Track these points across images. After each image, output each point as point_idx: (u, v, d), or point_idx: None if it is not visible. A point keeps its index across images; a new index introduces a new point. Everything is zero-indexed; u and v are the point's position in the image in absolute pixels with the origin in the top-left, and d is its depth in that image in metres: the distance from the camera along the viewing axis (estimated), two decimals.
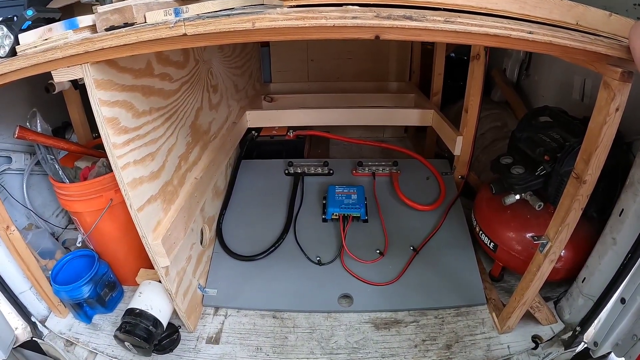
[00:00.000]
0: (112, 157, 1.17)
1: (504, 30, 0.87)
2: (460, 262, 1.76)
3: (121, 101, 1.19)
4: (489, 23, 0.86)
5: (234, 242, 1.85)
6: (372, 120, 2.24)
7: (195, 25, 0.92)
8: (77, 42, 1.03)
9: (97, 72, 1.09)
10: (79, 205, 1.63)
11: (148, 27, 0.96)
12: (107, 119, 1.14)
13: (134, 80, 1.25)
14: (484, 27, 0.86)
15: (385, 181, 2.06)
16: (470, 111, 1.88)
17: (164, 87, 1.41)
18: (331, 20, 0.86)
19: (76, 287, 1.68)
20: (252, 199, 2.02)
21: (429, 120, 2.21)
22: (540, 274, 1.34)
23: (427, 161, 2.11)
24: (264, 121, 2.25)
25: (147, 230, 1.31)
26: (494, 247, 1.65)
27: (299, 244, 1.82)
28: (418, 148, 2.54)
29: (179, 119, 1.51)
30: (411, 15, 0.84)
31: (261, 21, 0.89)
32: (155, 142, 1.36)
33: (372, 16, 0.85)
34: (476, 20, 0.86)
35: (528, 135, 1.62)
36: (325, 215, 1.89)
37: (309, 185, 2.05)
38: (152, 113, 1.34)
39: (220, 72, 1.90)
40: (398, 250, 1.80)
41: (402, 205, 1.95)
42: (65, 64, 1.08)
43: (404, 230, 1.88)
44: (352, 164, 2.12)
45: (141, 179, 1.28)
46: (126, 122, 1.21)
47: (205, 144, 1.75)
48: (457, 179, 2.06)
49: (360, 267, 1.75)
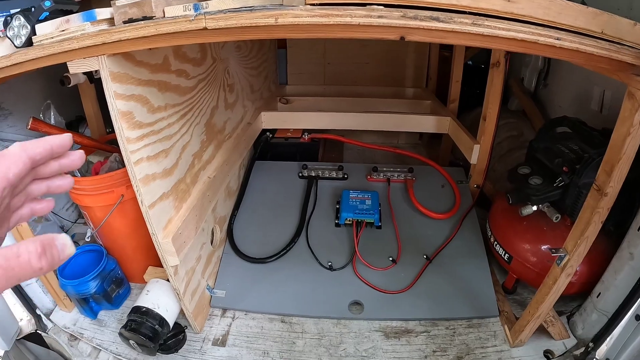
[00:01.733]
0: (125, 151, 1.11)
1: (531, 36, 0.82)
2: (473, 273, 1.68)
3: (137, 95, 1.13)
4: (517, 27, 0.81)
5: (244, 243, 1.78)
6: (387, 126, 2.16)
7: (216, 19, 0.85)
8: (94, 33, 0.97)
9: (113, 65, 1.03)
10: (90, 199, 1.56)
11: (167, 19, 0.89)
12: (121, 113, 1.07)
13: (150, 74, 1.18)
14: (512, 31, 0.81)
15: (400, 187, 1.98)
16: (489, 119, 1.81)
17: (181, 83, 1.34)
18: (356, 18, 0.80)
19: (83, 281, 1.62)
20: (264, 201, 1.95)
21: (446, 127, 2.13)
22: (556, 288, 1.27)
23: (443, 169, 2.03)
24: (279, 123, 2.18)
25: (157, 228, 1.25)
26: (508, 258, 1.59)
27: (311, 248, 1.74)
28: (432, 155, 2.46)
29: (194, 116, 1.44)
30: (438, 17, 0.79)
31: (284, 17, 0.82)
32: (170, 139, 1.29)
33: (398, 16, 0.79)
34: (504, 24, 0.81)
35: (546, 146, 1.55)
36: (338, 220, 1.81)
37: (323, 188, 1.98)
38: (167, 109, 1.27)
39: (237, 72, 1.83)
40: (411, 258, 1.73)
41: (416, 212, 1.88)
42: (81, 55, 1.03)
43: (417, 238, 1.80)
44: (366, 169, 2.04)
45: (154, 175, 1.21)
46: (141, 117, 1.15)
47: (219, 143, 1.68)
48: (473, 187, 1.98)
49: (372, 274, 1.68)
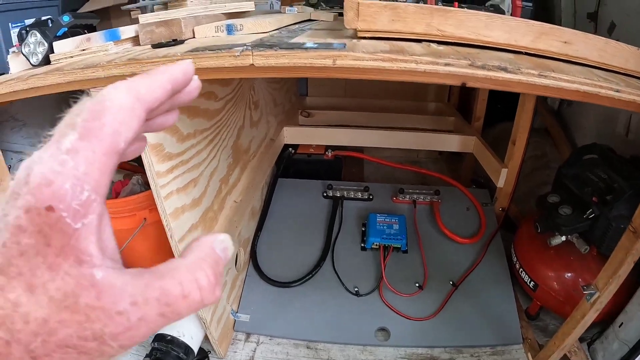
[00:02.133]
0: (155, 186, 1.03)
1: (593, 88, 0.77)
2: (498, 299, 1.61)
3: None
4: (580, 79, 0.76)
5: (268, 266, 1.70)
6: (411, 144, 2.08)
7: (266, 56, 0.76)
8: (123, 62, 0.89)
9: None
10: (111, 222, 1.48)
11: (209, 54, 0.80)
12: (151, 146, 1.00)
13: None
14: (575, 83, 0.76)
15: (426, 210, 1.90)
16: (518, 144, 1.73)
17: (209, 106, 1.27)
18: (422, 65, 0.74)
19: None
20: (288, 221, 1.87)
21: (470, 147, 2.04)
22: (584, 322, 1.22)
23: (468, 191, 1.95)
24: (301, 138, 2.10)
25: None
26: (534, 286, 1.53)
27: (337, 273, 1.67)
28: (453, 172, 2.38)
29: (221, 139, 1.36)
30: (506, 67, 0.74)
31: (343, 59, 0.76)
32: (198, 167, 1.22)
33: (466, 64, 0.74)
34: (568, 77, 0.76)
35: (575, 173, 1.50)
36: (365, 244, 1.73)
37: (348, 209, 1.89)
38: (196, 136, 1.19)
39: (261, 87, 1.75)
40: (437, 284, 1.65)
41: (442, 236, 1.80)
42: (106, 83, 0.92)
43: (443, 263, 1.72)
44: (392, 190, 1.96)
45: (183, 207, 1.14)
46: (171, 148, 1.07)
47: (244, 164, 1.60)
48: (498, 210, 1.90)
49: (399, 300, 1.60)
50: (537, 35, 0.90)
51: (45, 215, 0.21)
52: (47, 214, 0.21)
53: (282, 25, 1.26)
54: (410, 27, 0.89)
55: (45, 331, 0.21)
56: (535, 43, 0.89)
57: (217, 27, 1.13)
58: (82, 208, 0.22)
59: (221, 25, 1.12)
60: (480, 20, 0.88)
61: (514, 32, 0.90)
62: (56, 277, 0.21)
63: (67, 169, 0.21)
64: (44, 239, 0.21)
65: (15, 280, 0.21)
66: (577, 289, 1.36)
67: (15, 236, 0.21)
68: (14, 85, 1.01)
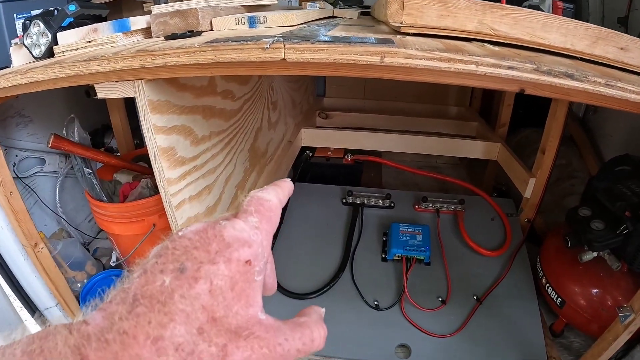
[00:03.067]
0: (165, 195, 0.90)
1: None
2: (523, 316, 1.48)
3: (179, 126, 0.92)
4: None
5: (283, 275, 1.57)
6: (432, 149, 1.94)
7: (300, 50, 0.63)
8: (131, 55, 0.75)
9: (153, 92, 0.82)
10: (117, 227, 1.36)
11: (232, 45, 0.66)
12: (162, 150, 0.86)
13: (194, 99, 0.97)
14: None
15: (449, 220, 1.76)
16: (548, 153, 1.60)
17: (226, 106, 1.13)
18: (483, 68, 0.62)
19: None
20: (305, 228, 1.73)
21: (494, 154, 1.90)
22: (615, 344, 1.14)
23: (493, 200, 1.80)
24: (319, 141, 1.96)
25: None
26: (560, 303, 1.42)
27: (356, 285, 1.53)
28: (474, 180, 2.23)
29: (238, 142, 1.23)
30: (573, 74, 0.63)
31: (393, 57, 0.63)
32: (213, 172, 1.08)
33: (530, 69, 0.62)
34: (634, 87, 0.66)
35: (607, 186, 1.40)
36: (386, 254, 1.59)
37: (368, 217, 1.75)
38: (211, 138, 1.06)
39: (280, 87, 1.61)
40: (460, 299, 1.52)
41: (466, 248, 1.66)
42: (112, 78, 0.81)
43: (467, 276, 1.58)
44: (414, 198, 1.82)
45: (196, 217, 1.01)
46: (184, 152, 0.94)
47: (261, 168, 1.47)
48: (523, 221, 1.76)
49: (421, 315, 1.47)
50: (594, 39, 0.78)
51: (243, 266, 0.28)
52: (244, 265, 0.28)
53: (308, 20, 1.13)
54: (460, 24, 0.76)
55: (224, 353, 0.26)
56: (591, 48, 0.77)
57: (238, 19, 0.99)
58: (262, 268, 0.30)
59: (242, 18, 0.99)
60: (537, 20, 0.76)
61: (571, 35, 0.77)
62: (229, 313, 0.27)
63: (257, 239, 0.30)
64: (230, 284, 0.28)
65: None
66: (606, 308, 1.29)
67: (216, 279, 0.27)
68: (12, 79, 0.90)
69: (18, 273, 1.41)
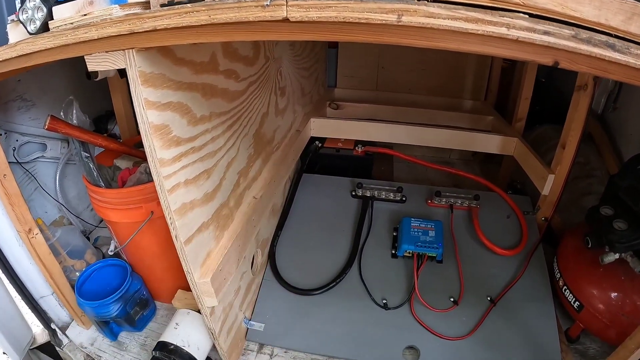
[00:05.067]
0: (157, 177, 0.80)
1: None
2: (538, 319, 1.37)
3: (175, 103, 0.81)
4: None
5: (288, 270, 1.46)
6: (446, 142, 1.81)
7: (306, 7, 0.51)
8: (120, 19, 0.66)
9: (145, 62, 0.72)
10: (114, 214, 1.26)
11: (227, 3, 0.55)
12: (154, 127, 0.76)
13: (193, 76, 0.86)
14: None
15: (463, 216, 1.64)
16: (568, 148, 1.47)
17: (229, 86, 1.02)
18: (515, 31, 0.51)
19: (103, 304, 1.33)
20: (312, 221, 1.63)
21: (511, 149, 1.77)
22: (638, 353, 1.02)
23: (509, 197, 1.67)
24: (329, 131, 1.84)
25: (194, 266, 0.95)
26: (578, 307, 1.32)
27: (364, 282, 1.42)
28: (487, 175, 2.10)
29: (242, 126, 1.12)
30: (614, 44, 0.54)
31: (412, 15, 0.51)
32: (213, 156, 0.98)
33: (568, 35, 0.53)
34: None
35: (630, 184, 1.30)
36: (396, 250, 1.48)
37: (378, 211, 1.64)
38: (212, 119, 0.95)
39: (289, 73, 1.50)
40: (473, 300, 1.41)
41: (480, 246, 1.54)
42: (102, 47, 0.72)
43: (481, 276, 1.47)
44: (427, 192, 1.70)
45: (192, 203, 0.90)
46: (179, 131, 0.83)
47: (267, 156, 1.36)
48: (540, 220, 1.63)
49: (431, 315, 1.36)
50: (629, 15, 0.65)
51: None
52: None
53: None
54: None
55: None
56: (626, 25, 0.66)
57: None
58: None
59: None
60: None
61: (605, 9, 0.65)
62: None
63: None
64: None
65: None
66: (627, 313, 1.20)
67: None
68: (2, 53, 0.85)
69: (13, 260, 1.33)
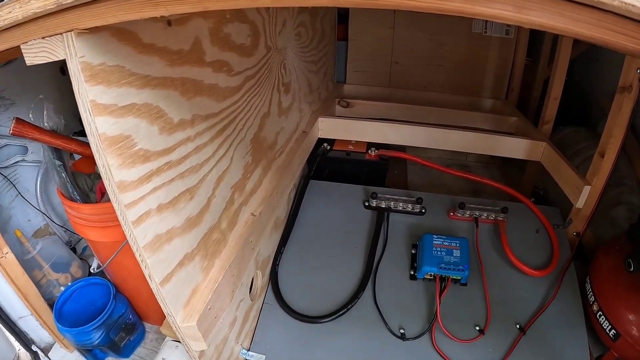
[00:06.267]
0: (117, 205, 0.58)
1: None
2: (569, 348, 1.17)
3: (140, 106, 0.59)
4: None
5: (291, 293, 1.25)
6: (466, 146, 1.57)
7: None
8: None
9: (91, 51, 0.51)
10: (92, 232, 1.05)
11: None
12: (108, 140, 0.54)
13: (167, 68, 0.64)
14: None
15: (488, 230, 1.41)
16: (608, 157, 1.25)
17: (219, 82, 0.80)
18: None
19: (84, 331, 1.14)
20: (319, 235, 1.40)
21: (538, 154, 1.53)
22: None
23: (538, 209, 1.44)
24: (339, 132, 1.60)
25: (174, 308, 0.73)
26: (614, 335, 1.14)
27: (378, 308, 1.20)
28: (508, 180, 1.87)
29: (237, 130, 0.89)
30: None
31: None
32: (198, 170, 0.75)
33: None
34: None
35: None
36: (416, 271, 1.25)
37: (395, 224, 1.41)
38: (195, 124, 0.73)
39: (294, 66, 1.26)
40: (501, 328, 1.19)
41: (507, 265, 1.32)
42: (36, 32, 0.51)
43: (509, 300, 1.25)
44: (448, 202, 1.47)
45: (169, 233, 0.68)
46: (147, 143, 0.61)
47: (268, 163, 1.13)
48: (571, 235, 1.41)
49: (454, 346, 1.15)
50: None
51: None
52: None
53: None
54: None
55: None
56: None
57: None
58: None
59: None
60: None
61: None
62: None
63: None
64: None
65: None
66: None
67: None
68: None
69: None
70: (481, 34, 1.90)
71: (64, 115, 1.14)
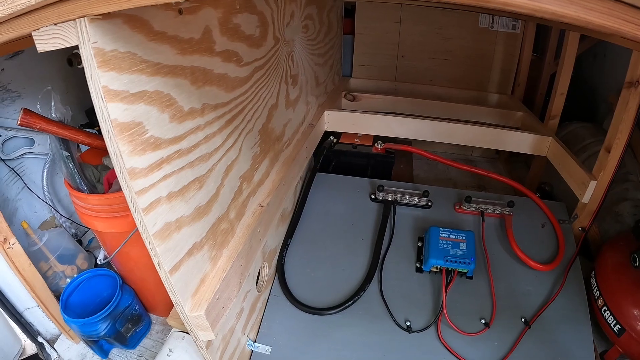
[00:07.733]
0: (128, 192, 0.58)
1: None
2: (574, 343, 1.17)
3: (151, 93, 0.58)
4: None
5: (298, 285, 1.25)
6: (474, 141, 1.57)
7: None
8: None
9: (104, 37, 0.51)
10: (99, 223, 1.05)
11: None
12: (120, 126, 0.54)
13: (178, 57, 0.64)
14: None
15: (494, 224, 1.41)
16: (614, 152, 1.25)
17: (229, 72, 0.79)
18: None
19: (90, 322, 1.14)
20: (326, 228, 1.40)
21: (544, 149, 1.53)
22: None
23: (544, 204, 1.44)
24: (346, 125, 1.60)
25: (183, 297, 0.73)
26: (619, 330, 1.16)
27: (385, 300, 1.20)
28: (513, 175, 1.86)
29: (245, 121, 0.89)
30: None
31: None
32: (208, 159, 0.75)
33: None
34: None
35: None
36: (422, 264, 1.25)
37: (401, 217, 1.41)
38: (205, 113, 0.72)
39: (301, 59, 1.26)
40: (506, 321, 1.19)
41: (512, 259, 1.32)
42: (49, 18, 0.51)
43: (514, 294, 1.25)
44: (454, 196, 1.47)
45: (179, 221, 0.68)
46: (158, 131, 0.61)
47: (276, 155, 1.12)
48: (576, 230, 1.40)
49: (460, 340, 1.15)
50: None
51: None
52: None
53: None
54: None
55: None
56: None
57: None
58: None
59: None
60: None
61: None
62: None
63: None
64: None
65: None
66: None
67: None
68: None
69: None
70: (488, 29, 1.89)
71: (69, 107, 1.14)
